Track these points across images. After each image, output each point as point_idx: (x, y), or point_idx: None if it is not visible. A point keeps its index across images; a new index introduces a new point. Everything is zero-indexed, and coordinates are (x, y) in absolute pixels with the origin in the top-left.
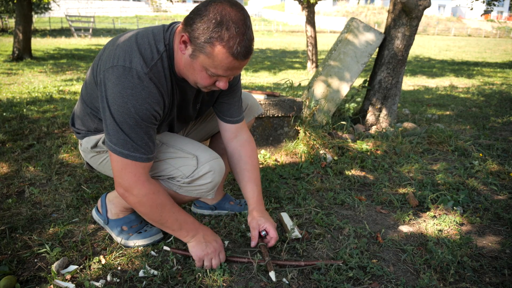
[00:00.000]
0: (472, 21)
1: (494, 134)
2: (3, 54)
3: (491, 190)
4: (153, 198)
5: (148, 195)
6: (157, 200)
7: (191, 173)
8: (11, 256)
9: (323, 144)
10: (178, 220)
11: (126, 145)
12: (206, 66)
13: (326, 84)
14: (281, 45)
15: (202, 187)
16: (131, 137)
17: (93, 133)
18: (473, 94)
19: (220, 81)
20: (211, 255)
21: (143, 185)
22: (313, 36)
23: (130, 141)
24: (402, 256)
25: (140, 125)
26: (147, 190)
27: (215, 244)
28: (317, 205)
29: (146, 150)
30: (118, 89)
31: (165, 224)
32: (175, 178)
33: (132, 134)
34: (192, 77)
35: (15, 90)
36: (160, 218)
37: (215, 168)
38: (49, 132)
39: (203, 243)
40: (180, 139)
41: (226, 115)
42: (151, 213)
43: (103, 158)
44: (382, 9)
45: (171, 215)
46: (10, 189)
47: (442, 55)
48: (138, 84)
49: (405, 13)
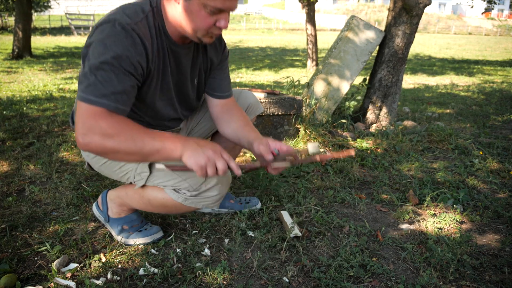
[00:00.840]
0: (472, 19)
1: (494, 132)
2: (3, 53)
3: (491, 188)
4: (118, 127)
5: (111, 126)
6: (123, 126)
7: (198, 185)
8: (11, 254)
9: (323, 142)
10: (155, 138)
11: (95, 91)
12: (205, 1)
13: (326, 82)
14: (281, 43)
15: (208, 199)
16: (103, 82)
17: None
18: (474, 92)
19: (220, 20)
20: (212, 158)
21: (104, 121)
22: (313, 34)
23: (101, 86)
24: (402, 254)
25: (116, 71)
26: (108, 123)
27: (212, 146)
28: (317, 203)
29: (116, 98)
30: (100, 38)
31: (145, 149)
32: (181, 189)
33: (106, 78)
34: (191, 25)
35: (15, 89)
36: (134, 143)
37: (222, 181)
38: (49, 131)
39: (198, 149)
40: None
41: (217, 90)
42: (122, 142)
43: (106, 159)
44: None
45: (144, 136)
46: (10, 187)
47: (442, 53)
48: (121, 32)
49: (406, 11)
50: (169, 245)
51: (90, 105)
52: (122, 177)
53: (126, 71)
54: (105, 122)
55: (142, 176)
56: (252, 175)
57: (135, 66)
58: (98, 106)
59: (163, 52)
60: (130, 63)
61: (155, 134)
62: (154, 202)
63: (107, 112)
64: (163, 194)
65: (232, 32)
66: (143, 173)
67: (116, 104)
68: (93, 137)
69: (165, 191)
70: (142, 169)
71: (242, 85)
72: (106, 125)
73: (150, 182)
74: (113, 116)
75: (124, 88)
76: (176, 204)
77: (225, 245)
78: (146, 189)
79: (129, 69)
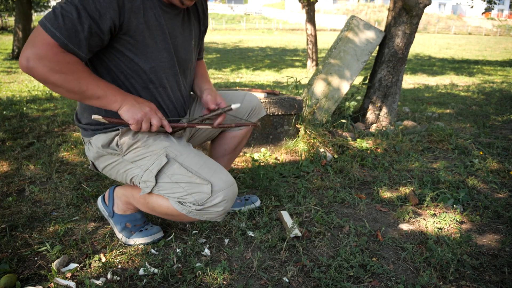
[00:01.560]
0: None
1: (494, 132)
2: (3, 53)
3: (491, 188)
4: (67, 66)
5: (61, 64)
6: (72, 66)
7: (204, 201)
8: (11, 254)
9: (323, 142)
10: (99, 86)
11: (53, 21)
12: None
13: (326, 82)
14: (281, 43)
15: (212, 214)
16: (64, 16)
17: (102, 130)
18: (474, 92)
19: None
20: (148, 114)
21: (56, 57)
22: (313, 34)
23: (61, 19)
24: (402, 254)
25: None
26: (60, 61)
27: (149, 104)
28: (317, 203)
29: (69, 35)
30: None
31: (86, 93)
32: (186, 202)
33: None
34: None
35: (15, 89)
36: (78, 85)
37: (228, 197)
38: (49, 131)
39: (136, 105)
40: (196, 159)
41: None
42: (67, 81)
43: (112, 160)
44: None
45: (90, 81)
46: (10, 187)
47: (442, 53)
48: None
49: (406, 11)
50: (169, 245)
51: (44, 32)
52: (127, 180)
53: (88, 15)
54: (56, 58)
55: (147, 185)
56: (252, 175)
57: (101, 14)
58: (50, 36)
59: (153, 10)
60: (96, 9)
61: (100, 82)
62: (158, 210)
63: (62, 50)
64: (168, 204)
65: (232, 32)
66: (149, 182)
67: (66, 41)
68: (39, 66)
69: (169, 201)
70: (148, 178)
71: (242, 85)
72: (56, 60)
73: (156, 191)
74: (67, 55)
75: (79, 29)
76: (180, 214)
77: (225, 245)
78: (152, 196)
79: (93, 15)
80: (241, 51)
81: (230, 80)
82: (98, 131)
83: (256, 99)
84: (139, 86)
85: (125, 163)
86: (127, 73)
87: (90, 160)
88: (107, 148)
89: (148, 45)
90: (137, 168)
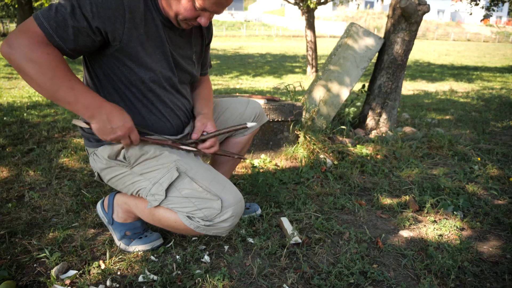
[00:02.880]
0: (471, 26)
1: (494, 138)
2: (4, 59)
3: (491, 195)
4: (45, 57)
5: (39, 53)
6: (50, 60)
7: (213, 217)
8: (10, 261)
9: (323, 148)
10: (73, 90)
11: (46, 13)
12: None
13: (326, 88)
14: (281, 49)
15: (220, 229)
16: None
17: (108, 141)
18: (473, 98)
19: (202, 17)
20: (119, 138)
21: (37, 46)
22: (313, 40)
23: (53, 12)
24: (402, 261)
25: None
26: (39, 49)
27: (122, 127)
28: (317, 210)
29: (57, 28)
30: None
31: (57, 94)
32: (195, 217)
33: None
34: (175, 8)
35: (16, 95)
36: (51, 83)
37: (237, 213)
38: (50, 137)
39: (107, 125)
40: (207, 174)
41: (203, 69)
42: (40, 75)
43: (120, 171)
44: (382, 14)
45: (64, 82)
46: (10, 194)
47: (441, 60)
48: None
49: (405, 18)
50: (168, 252)
51: (34, 20)
52: (133, 192)
53: (81, 13)
54: (37, 47)
55: (156, 198)
56: (252, 181)
57: (96, 15)
58: (37, 25)
59: (154, 22)
60: (91, 10)
61: (76, 85)
62: (165, 223)
63: (46, 40)
64: (176, 218)
65: (232, 38)
66: (158, 196)
67: (52, 32)
68: (17, 53)
69: (178, 215)
70: (157, 191)
71: (242, 92)
72: (36, 49)
73: (164, 205)
74: (49, 47)
75: (69, 23)
76: (187, 229)
77: (225, 252)
78: (159, 209)
79: (86, 14)
80: (241, 58)
81: (231, 86)
82: (104, 141)
83: (259, 106)
84: (139, 95)
85: (133, 175)
86: (127, 82)
87: (96, 171)
88: (114, 160)
89: (148, 56)
90: (146, 180)
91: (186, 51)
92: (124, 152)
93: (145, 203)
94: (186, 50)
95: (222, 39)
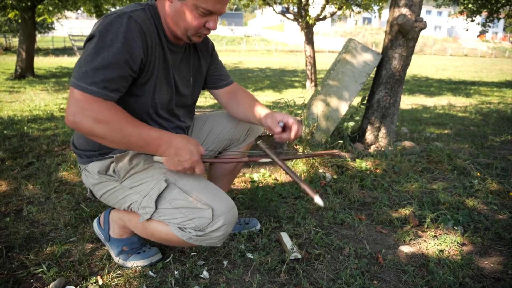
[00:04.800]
0: (468, 41)
1: (492, 153)
2: (6, 73)
3: (492, 210)
4: (109, 114)
5: (103, 111)
6: (114, 115)
7: (204, 226)
8: (7, 276)
9: (322, 162)
10: (142, 135)
11: (86, 78)
12: (197, 3)
13: (325, 103)
14: (281, 64)
15: (213, 239)
16: (95, 70)
17: (98, 157)
18: (471, 113)
19: (209, 22)
20: (185, 171)
21: (97, 106)
22: (312, 55)
23: (92, 74)
24: (403, 277)
25: (110, 59)
26: (100, 108)
27: (189, 160)
28: (317, 225)
29: (105, 86)
30: (98, 31)
31: (130, 142)
32: (186, 228)
33: (98, 66)
34: (182, 24)
35: (17, 108)
36: (121, 136)
37: (229, 221)
38: (49, 150)
39: (175, 158)
40: (196, 184)
41: (220, 81)
42: (111, 132)
43: (110, 186)
44: (380, 30)
45: (133, 130)
46: (8, 207)
47: (439, 75)
48: (118, 21)
49: (402, 34)
50: (167, 268)
51: (81, 91)
52: (125, 207)
53: (120, 59)
54: (97, 108)
55: (146, 211)
56: (251, 196)
57: (131, 54)
58: (89, 94)
59: (162, 44)
60: (126, 51)
61: (142, 130)
62: (157, 236)
63: (101, 100)
64: (167, 230)
65: (232, 53)
66: (148, 208)
67: (104, 91)
68: (84, 119)
69: (169, 227)
70: (147, 203)
71: None
72: (98, 110)
73: (155, 217)
74: (106, 102)
75: (115, 76)
76: (180, 240)
77: (224, 268)
78: (151, 222)
79: (124, 57)
80: (241, 72)
81: None
82: (93, 157)
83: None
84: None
85: (124, 190)
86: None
87: (88, 188)
88: (104, 175)
89: (156, 79)
90: (136, 194)
91: (184, 73)
92: (114, 166)
93: (137, 217)
94: (184, 72)
95: (222, 53)
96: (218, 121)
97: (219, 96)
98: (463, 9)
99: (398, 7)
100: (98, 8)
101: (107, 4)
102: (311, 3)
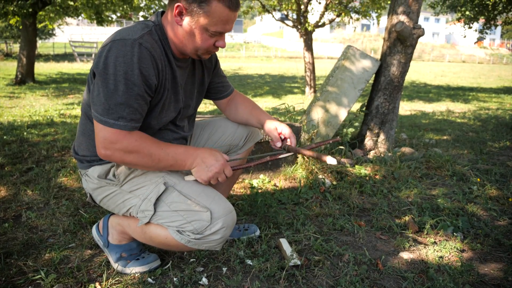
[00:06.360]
0: (465, 48)
1: (491, 158)
2: (6, 78)
3: (491, 216)
4: (137, 144)
5: (131, 143)
6: (142, 144)
7: (203, 229)
8: (5, 283)
9: (322, 168)
10: (169, 155)
11: (111, 114)
12: (207, 26)
13: (324, 109)
14: (280, 70)
15: (211, 242)
16: (118, 105)
17: (98, 162)
18: (470, 119)
19: (219, 40)
20: (215, 175)
21: (125, 139)
22: (311, 62)
23: (117, 109)
24: (403, 283)
25: (129, 91)
26: (129, 140)
27: (216, 164)
28: (316, 231)
29: (131, 118)
30: (109, 61)
31: (160, 164)
32: (185, 231)
33: (120, 101)
34: (192, 45)
35: (17, 113)
36: (151, 160)
37: (228, 224)
38: (49, 156)
39: (203, 167)
40: (195, 187)
41: (222, 92)
42: (141, 160)
43: (110, 191)
44: (378, 36)
45: (160, 152)
46: (7, 213)
47: (437, 81)
48: (129, 51)
49: (400, 41)
50: (166, 274)
51: (110, 127)
52: (124, 211)
53: (139, 90)
54: (126, 140)
55: (145, 214)
56: (250, 202)
57: (147, 82)
58: (117, 129)
59: (170, 64)
60: (142, 81)
61: (169, 150)
62: (156, 240)
63: (127, 131)
64: (166, 233)
65: (232, 59)
66: (147, 212)
67: (131, 123)
68: (115, 152)
69: (168, 231)
70: (146, 207)
71: None
72: (127, 143)
73: (154, 221)
74: (132, 134)
75: (137, 108)
76: (179, 244)
77: (223, 274)
78: (150, 226)
79: (142, 87)
80: (241, 78)
81: None
82: (94, 162)
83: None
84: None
85: (123, 194)
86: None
87: (88, 192)
88: (104, 179)
89: (165, 99)
90: (135, 198)
91: (189, 88)
92: (114, 170)
93: (136, 222)
94: (189, 87)
95: (222, 60)
96: (217, 127)
97: (220, 104)
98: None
99: (396, 14)
100: (99, 15)
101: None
102: (310, 10)
